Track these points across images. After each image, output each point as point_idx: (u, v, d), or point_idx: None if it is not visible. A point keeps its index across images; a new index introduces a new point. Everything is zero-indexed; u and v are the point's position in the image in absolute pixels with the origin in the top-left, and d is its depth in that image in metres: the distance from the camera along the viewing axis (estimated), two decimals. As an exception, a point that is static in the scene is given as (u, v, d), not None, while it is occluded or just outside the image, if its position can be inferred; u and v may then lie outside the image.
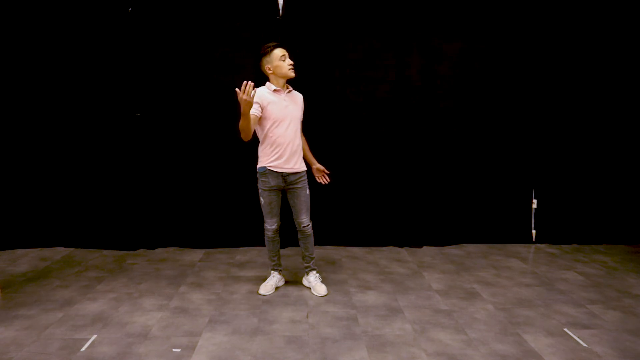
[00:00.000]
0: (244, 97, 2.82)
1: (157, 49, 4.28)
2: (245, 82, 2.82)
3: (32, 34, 4.19)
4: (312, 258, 3.51)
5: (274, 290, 3.46)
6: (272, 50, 3.21)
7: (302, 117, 3.42)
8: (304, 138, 3.49)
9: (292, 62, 3.22)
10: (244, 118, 2.96)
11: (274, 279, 3.51)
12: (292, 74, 3.23)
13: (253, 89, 2.84)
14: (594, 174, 4.65)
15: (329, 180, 3.56)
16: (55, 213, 4.39)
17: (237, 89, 2.84)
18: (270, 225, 3.39)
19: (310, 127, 3.68)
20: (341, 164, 4.43)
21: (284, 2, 4.28)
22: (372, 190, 4.53)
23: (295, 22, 4.31)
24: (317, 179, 3.55)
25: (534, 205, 4.71)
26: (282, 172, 3.27)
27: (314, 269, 3.53)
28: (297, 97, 3.39)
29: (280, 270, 3.58)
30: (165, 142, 4.38)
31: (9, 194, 4.32)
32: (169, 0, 4.24)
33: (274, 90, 3.24)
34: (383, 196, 4.54)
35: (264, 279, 3.62)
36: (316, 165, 3.52)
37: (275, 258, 3.51)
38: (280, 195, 3.38)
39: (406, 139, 4.50)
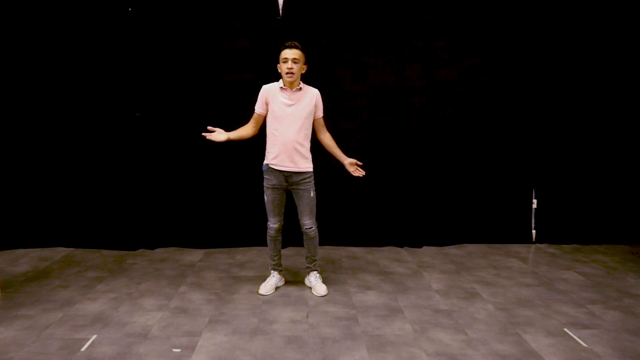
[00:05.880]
0: (211, 138, 3.19)
1: (157, 48, 4.29)
2: (208, 129, 3.21)
3: (33, 34, 4.20)
4: (315, 260, 3.51)
5: (274, 290, 3.45)
6: (282, 49, 3.19)
7: (321, 114, 3.33)
8: (328, 135, 3.39)
9: (289, 67, 3.14)
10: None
11: (274, 279, 3.51)
12: (287, 78, 3.17)
13: (214, 133, 3.20)
14: (594, 174, 4.65)
15: (364, 172, 3.32)
16: (55, 213, 4.39)
17: (207, 135, 3.20)
18: (272, 224, 3.38)
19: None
20: (340, 163, 4.41)
21: (284, 2, 4.29)
22: (372, 190, 4.53)
23: (295, 22, 4.31)
24: (353, 174, 3.32)
25: (534, 205, 4.71)
26: (284, 172, 3.25)
27: (316, 270, 3.53)
28: (308, 95, 3.26)
29: (281, 270, 3.58)
30: (165, 142, 4.38)
31: (9, 194, 4.32)
32: (169, 0, 4.25)
33: (281, 88, 3.24)
34: (383, 196, 4.54)
35: (264, 279, 3.62)
36: (347, 160, 3.32)
37: (276, 258, 3.51)
38: (284, 196, 3.36)
39: (406, 138, 4.50)
